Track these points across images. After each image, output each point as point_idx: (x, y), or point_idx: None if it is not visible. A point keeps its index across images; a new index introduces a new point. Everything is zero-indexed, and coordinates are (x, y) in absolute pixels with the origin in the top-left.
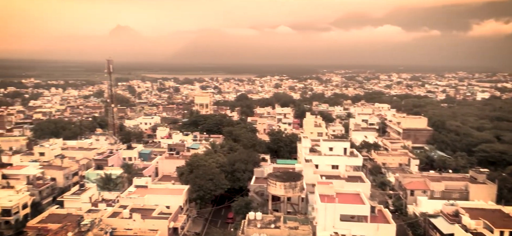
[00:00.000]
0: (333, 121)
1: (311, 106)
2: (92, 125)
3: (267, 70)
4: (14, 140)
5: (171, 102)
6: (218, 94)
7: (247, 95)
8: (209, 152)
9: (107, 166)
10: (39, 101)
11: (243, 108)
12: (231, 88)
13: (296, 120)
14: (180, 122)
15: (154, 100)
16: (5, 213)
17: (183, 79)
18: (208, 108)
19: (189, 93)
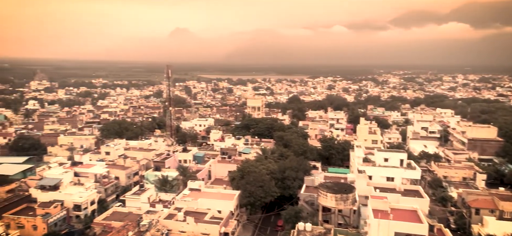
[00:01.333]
0: (389, 127)
1: (366, 111)
2: (152, 125)
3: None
4: (85, 138)
5: (225, 104)
6: (270, 95)
7: (299, 97)
8: (260, 158)
9: (164, 168)
10: (106, 101)
11: (295, 112)
12: (283, 89)
13: (349, 125)
14: (232, 124)
15: (209, 101)
16: (76, 208)
17: (236, 80)
18: (260, 111)
19: (242, 94)
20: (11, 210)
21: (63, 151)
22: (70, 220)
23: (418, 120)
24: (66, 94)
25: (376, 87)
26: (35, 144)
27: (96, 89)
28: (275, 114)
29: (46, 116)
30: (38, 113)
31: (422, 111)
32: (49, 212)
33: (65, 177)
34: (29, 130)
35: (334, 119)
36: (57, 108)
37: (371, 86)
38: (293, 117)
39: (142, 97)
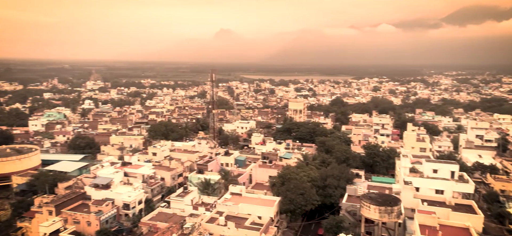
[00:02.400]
0: (439, 134)
1: (414, 115)
2: (196, 126)
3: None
4: (134, 138)
5: (266, 106)
6: (313, 97)
7: (342, 99)
8: (300, 165)
9: (207, 171)
10: (153, 101)
11: (338, 115)
12: (326, 90)
13: (396, 131)
14: (274, 126)
15: (251, 103)
16: (125, 207)
17: (278, 80)
18: (302, 114)
19: (284, 96)
20: (69, 206)
21: (114, 150)
22: (119, 218)
23: (472, 126)
24: (118, 94)
25: (425, 89)
26: (90, 143)
27: (145, 90)
28: (317, 118)
29: (100, 116)
30: (93, 113)
31: (477, 117)
32: (101, 210)
33: (116, 177)
34: (85, 129)
35: (379, 124)
36: (110, 108)
37: (420, 88)
38: (336, 121)
39: (187, 97)
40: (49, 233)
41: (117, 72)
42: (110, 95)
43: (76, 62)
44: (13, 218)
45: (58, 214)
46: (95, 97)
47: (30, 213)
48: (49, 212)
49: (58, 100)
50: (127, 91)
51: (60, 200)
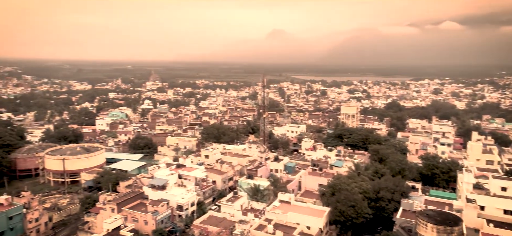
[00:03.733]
0: (510, 144)
1: (480, 122)
2: (246, 129)
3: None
4: (188, 140)
5: (317, 109)
6: (367, 99)
7: (399, 103)
8: (352, 175)
9: (257, 176)
10: (206, 102)
11: (393, 120)
12: (381, 93)
13: (458, 139)
14: (324, 131)
15: (301, 105)
16: (179, 208)
17: (330, 81)
18: (355, 118)
19: (336, 97)
20: (129, 205)
21: (170, 151)
22: (173, 218)
23: None
24: (174, 95)
25: (495, 92)
26: (148, 143)
27: (199, 90)
28: (371, 123)
29: (157, 116)
30: (151, 113)
31: None
32: (157, 210)
33: (171, 179)
34: (144, 129)
35: (439, 132)
36: (166, 108)
37: (488, 90)
38: (391, 126)
39: (239, 98)
40: (111, 229)
41: (174, 72)
42: (167, 96)
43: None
44: (81, 212)
45: (119, 212)
46: (154, 98)
47: (96, 208)
48: (111, 209)
49: (121, 100)
50: (182, 92)
51: (121, 198)
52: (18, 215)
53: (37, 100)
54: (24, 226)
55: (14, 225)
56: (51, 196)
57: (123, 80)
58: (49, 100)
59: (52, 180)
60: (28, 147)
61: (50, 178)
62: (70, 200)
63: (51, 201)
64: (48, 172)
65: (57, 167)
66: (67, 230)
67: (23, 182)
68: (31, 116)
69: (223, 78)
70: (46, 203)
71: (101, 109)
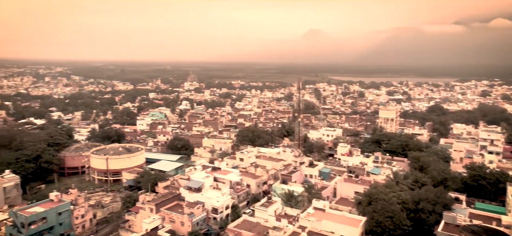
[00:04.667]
0: None
1: None
2: (281, 132)
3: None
4: (223, 142)
5: (354, 111)
6: (407, 101)
7: (442, 106)
8: (390, 184)
9: (291, 181)
10: (242, 103)
11: (436, 125)
12: (423, 95)
13: (509, 147)
14: (362, 135)
15: (338, 107)
16: (214, 211)
17: (369, 82)
18: (394, 122)
19: (374, 99)
20: (166, 205)
21: (206, 152)
22: (208, 221)
23: None
24: (211, 95)
25: None
26: (185, 144)
27: (235, 90)
28: (411, 127)
29: (194, 117)
30: (189, 114)
31: None
32: (193, 212)
33: (206, 181)
34: (181, 130)
35: (487, 139)
36: (203, 109)
37: None
38: (433, 131)
39: (274, 99)
40: (150, 229)
41: (210, 73)
42: (204, 96)
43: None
44: (122, 211)
45: (158, 212)
46: (191, 98)
47: (136, 208)
48: (150, 209)
49: (160, 100)
50: (219, 92)
51: (159, 199)
52: (66, 211)
53: (84, 100)
54: (71, 222)
55: (62, 220)
56: (96, 193)
57: (162, 80)
58: (94, 100)
59: (96, 178)
60: (75, 146)
61: (95, 176)
62: (113, 198)
63: (95, 198)
64: (93, 170)
65: (101, 165)
66: (109, 227)
67: (70, 179)
68: (79, 116)
69: (259, 79)
70: (91, 200)
71: (142, 109)
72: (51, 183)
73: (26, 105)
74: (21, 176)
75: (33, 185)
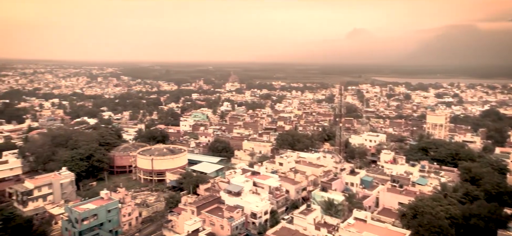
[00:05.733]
0: None
1: None
2: (321, 136)
3: None
4: (263, 145)
5: (400, 115)
6: (458, 105)
7: (498, 110)
8: (437, 196)
9: (331, 189)
10: (282, 105)
11: (490, 132)
12: (477, 98)
13: None
14: (407, 140)
15: (382, 110)
16: (253, 216)
17: (416, 84)
18: (443, 128)
19: (421, 102)
20: (207, 208)
21: (246, 155)
22: (247, 225)
23: None
24: (251, 96)
25: None
26: (226, 147)
27: (275, 91)
28: (462, 134)
29: (235, 119)
30: (229, 116)
31: None
32: (232, 216)
33: (246, 186)
34: (222, 131)
35: None
36: (244, 111)
37: None
38: (488, 139)
39: (315, 101)
40: (191, 231)
41: (251, 73)
42: (244, 97)
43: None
44: (166, 211)
45: (198, 214)
46: (232, 99)
47: (178, 209)
48: (192, 211)
49: (203, 101)
50: (259, 93)
51: (200, 201)
52: (115, 209)
53: (132, 100)
54: (119, 219)
55: (111, 217)
56: (141, 192)
57: (205, 81)
58: (141, 100)
59: (142, 177)
60: (124, 146)
61: (141, 175)
62: (157, 198)
63: (141, 197)
64: (139, 170)
65: (147, 165)
66: (153, 226)
67: (119, 177)
68: (127, 116)
69: (300, 80)
70: (137, 199)
71: (185, 110)
72: (102, 180)
73: (81, 105)
74: (75, 173)
75: (86, 182)
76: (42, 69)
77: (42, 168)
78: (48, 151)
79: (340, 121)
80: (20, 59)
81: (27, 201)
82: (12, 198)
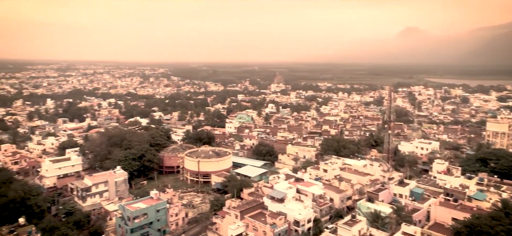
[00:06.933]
0: None
1: None
2: (369, 141)
3: None
4: (307, 150)
5: (455, 121)
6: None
7: None
8: (498, 214)
9: (378, 200)
10: (328, 107)
11: None
12: None
13: None
14: (463, 149)
15: (435, 115)
16: (296, 224)
17: (475, 86)
18: (506, 137)
19: (481, 107)
20: (250, 213)
21: (289, 160)
22: (290, 233)
23: None
24: (296, 97)
25: None
26: (270, 150)
27: (321, 93)
28: None
29: (279, 122)
30: (274, 118)
31: None
32: (275, 223)
33: (289, 192)
34: (266, 134)
35: None
36: (288, 113)
37: None
38: None
39: (362, 103)
40: (235, 235)
41: (297, 74)
42: (289, 99)
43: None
44: (210, 213)
45: (242, 219)
46: (277, 101)
47: (222, 212)
48: (235, 215)
49: (248, 102)
50: (304, 94)
51: (244, 206)
52: (163, 209)
53: (181, 101)
54: (167, 219)
55: (160, 217)
56: (188, 193)
57: (250, 81)
58: (189, 101)
59: (188, 178)
60: (172, 147)
61: (187, 176)
62: (202, 199)
63: (187, 198)
64: (186, 171)
65: (193, 167)
66: (198, 227)
67: (167, 177)
68: (176, 116)
69: (347, 81)
70: (183, 200)
71: (231, 111)
72: (152, 180)
73: (134, 104)
74: (128, 172)
75: (137, 180)
76: (101, 70)
77: (99, 166)
78: (105, 150)
79: (389, 125)
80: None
81: (86, 197)
82: (73, 193)
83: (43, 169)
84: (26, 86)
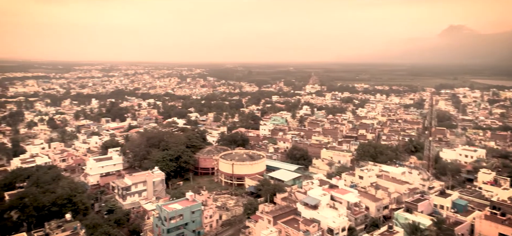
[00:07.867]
0: None
1: None
2: (408, 147)
3: None
4: (342, 154)
5: (505, 126)
6: None
7: None
8: None
9: (417, 211)
10: (365, 109)
11: None
12: None
13: None
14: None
15: (482, 119)
16: (329, 232)
17: None
18: None
19: None
20: (283, 219)
21: (324, 165)
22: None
23: None
24: (332, 99)
25: None
26: (303, 154)
27: (358, 95)
28: None
29: (314, 125)
30: (308, 121)
31: None
32: (308, 230)
33: (323, 199)
34: (301, 138)
35: None
36: (323, 115)
37: None
38: None
39: (401, 106)
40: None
41: (332, 75)
42: (324, 100)
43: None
44: (244, 216)
45: (275, 224)
46: (312, 102)
47: (256, 216)
48: (268, 220)
49: (282, 104)
50: (340, 96)
51: (277, 211)
52: (198, 210)
53: (216, 102)
54: (201, 221)
55: (195, 218)
56: (222, 195)
57: (285, 82)
58: (224, 101)
59: (223, 181)
60: (208, 149)
61: (222, 178)
62: (236, 202)
63: (221, 200)
64: (221, 173)
65: (227, 170)
66: (232, 230)
67: (202, 178)
68: (211, 117)
69: (385, 82)
70: (218, 202)
71: (265, 113)
72: (187, 180)
73: (172, 105)
74: (165, 173)
75: (174, 181)
76: (141, 70)
77: (138, 165)
78: (144, 150)
79: (430, 130)
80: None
81: (126, 196)
82: (114, 192)
83: (88, 167)
84: (73, 86)
